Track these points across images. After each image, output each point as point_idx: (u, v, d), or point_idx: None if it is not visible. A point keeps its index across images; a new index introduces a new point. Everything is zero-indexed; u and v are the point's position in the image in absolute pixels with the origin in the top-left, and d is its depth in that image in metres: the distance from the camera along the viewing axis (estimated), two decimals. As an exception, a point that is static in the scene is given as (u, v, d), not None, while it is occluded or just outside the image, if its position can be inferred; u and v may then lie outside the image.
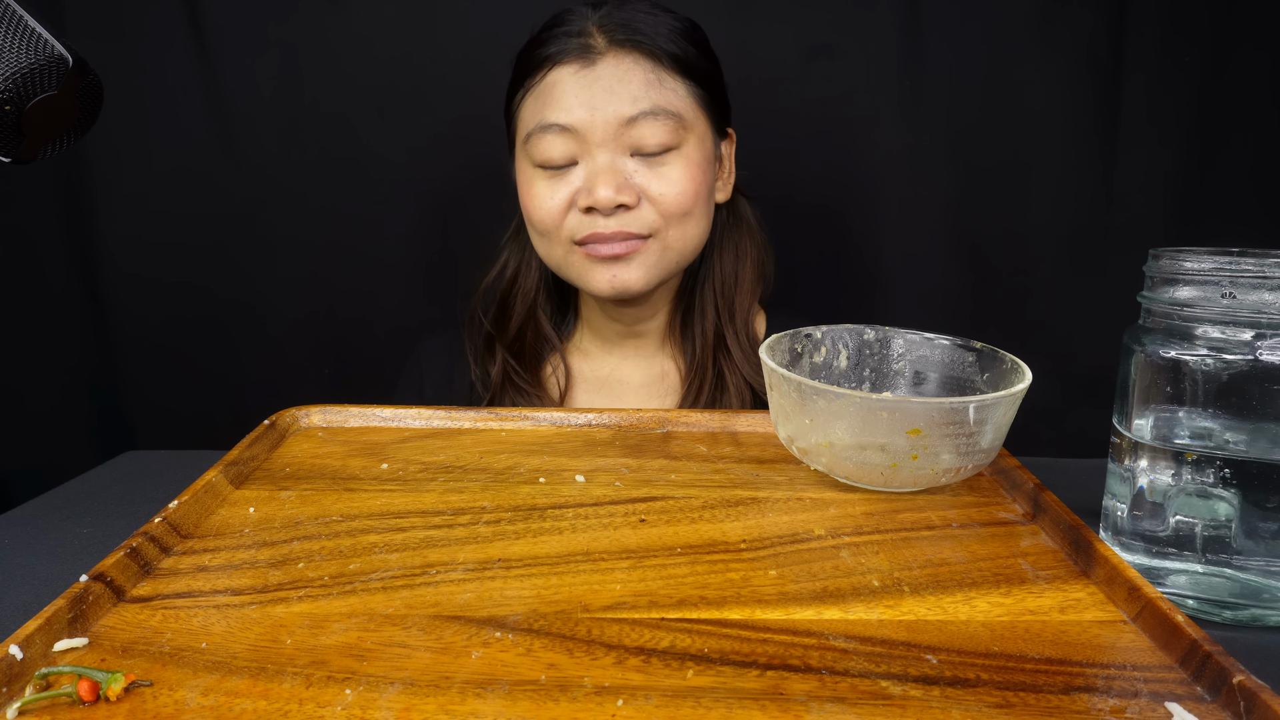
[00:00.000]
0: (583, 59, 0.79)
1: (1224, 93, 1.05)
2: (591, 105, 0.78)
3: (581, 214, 0.79)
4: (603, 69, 0.78)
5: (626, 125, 0.78)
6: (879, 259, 1.12)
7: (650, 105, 0.78)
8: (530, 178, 0.81)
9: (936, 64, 1.06)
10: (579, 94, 0.78)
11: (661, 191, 0.79)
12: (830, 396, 0.52)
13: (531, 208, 0.81)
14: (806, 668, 0.37)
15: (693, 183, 0.80)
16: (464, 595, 0.42)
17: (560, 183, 0.79)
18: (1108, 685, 0.36)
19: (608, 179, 0.77)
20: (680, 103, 0.80)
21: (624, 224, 0.78)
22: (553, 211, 0.80)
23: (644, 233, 0.79)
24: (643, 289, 0.81)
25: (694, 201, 0.80)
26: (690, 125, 0.80)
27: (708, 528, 0.50)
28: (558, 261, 0.83)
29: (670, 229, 0.80)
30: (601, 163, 0.78)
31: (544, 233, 0.82)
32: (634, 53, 0.79)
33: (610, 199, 0.77)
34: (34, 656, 0.36)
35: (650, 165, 0.79)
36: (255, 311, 1.12)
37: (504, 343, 0.88)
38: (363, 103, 1.08)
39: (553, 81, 0.79)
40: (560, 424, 0.67)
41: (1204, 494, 0.47)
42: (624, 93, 0.78)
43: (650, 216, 0.79)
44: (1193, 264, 0.48)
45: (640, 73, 0.78)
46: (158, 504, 0.50)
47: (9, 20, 0.47)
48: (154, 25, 1.05)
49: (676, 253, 0.82)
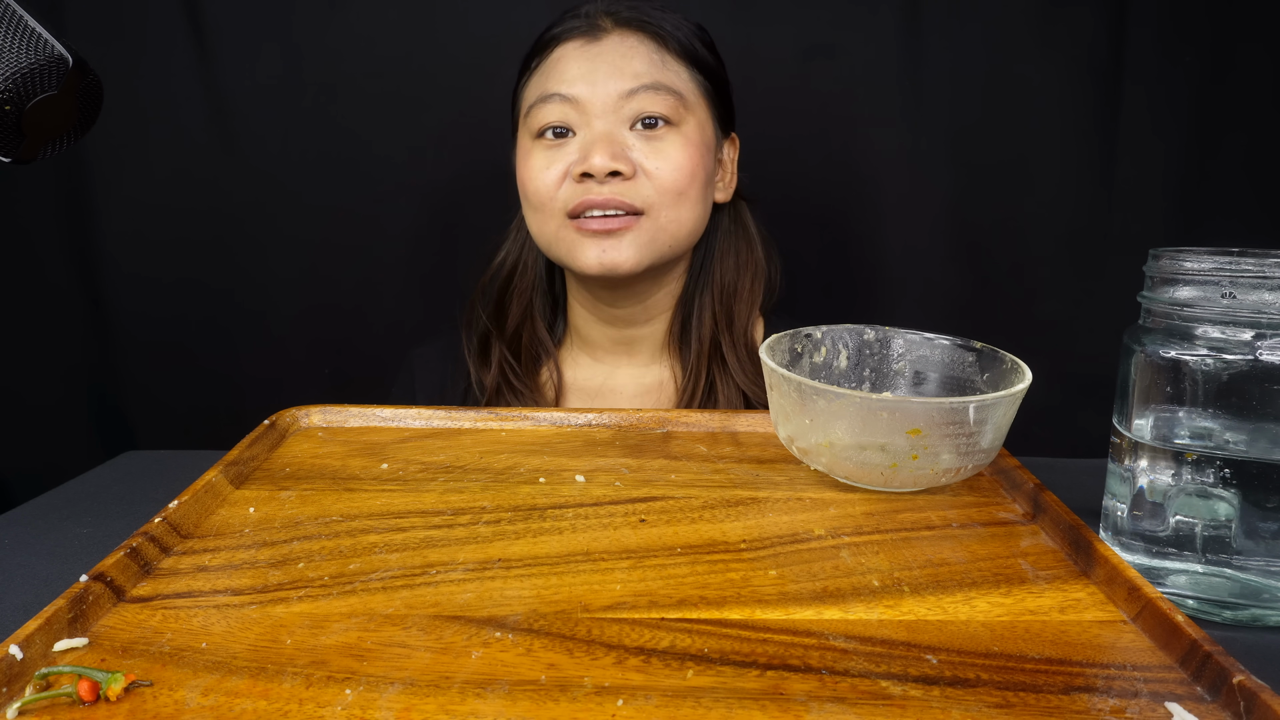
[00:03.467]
0: (588, 35, 0.80)
1: (1224, 93, 1.05)
2: (593, 79, 0.78)
3: (575, 183, 0.78)
4: (607, 45, 0.79)
5: (626, 98, 0.78)
6: (879, 259, 1.12)
7: (651, 80, 0.78)
8: (528, 150, 0.81)
9: (936, 64, 1.06)
10: (582, 67, 0.79)
11: (658, 166, 0.78)
12: (830, 396, 0.52)
13: (526, 178, 0.81)
14: (806, 668, 0.37)
15: (690, 162, 0.79)
16: (464, 595, 0.42)
17: (557, 154, 0.79)
18: (1108, 685, 0.36)
19: (604, 146, 0.77)
20: (682, 85, 0.80)
21: (618, 192, 0.77)
22: (548, 182, 0.79)
23: (638, 206, 0.78)
24: (631, 269, 0.79)
25: (689, 182, 0.79)
26: (691, 107, 0.80)
27: (708, 528, 0.50)
28: (549, 238, 0.82)
29: (664, 209, 0.79)
30: (599, 130, 0.78)
31: (538, 205, 0.81)
32: (639, 33, 0.80)
33: (605, 164, 0.76)
34: (34, 656, 0.36)
35: (648, 140, 0.79)
36: (255, 311, 1.12)
37: (502, 339, 0.88)
38: (363, 103, 1.08)
39: (557, 57, 0.80)
40: (560, 424, 0.67)
41: (1204, 494, 0.48)
42: (626, 68, 0.78)
43: (646, 191, 0.78)
44: (1193, 264, 0.48)
45: (645, 52, 0.79)
46: (158, 504, 0.50)
47: (9, 20, 0.47)
48: (154, 25, 1.05)
49: (670, 235, 0.80)
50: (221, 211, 1.09)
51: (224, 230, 1.10)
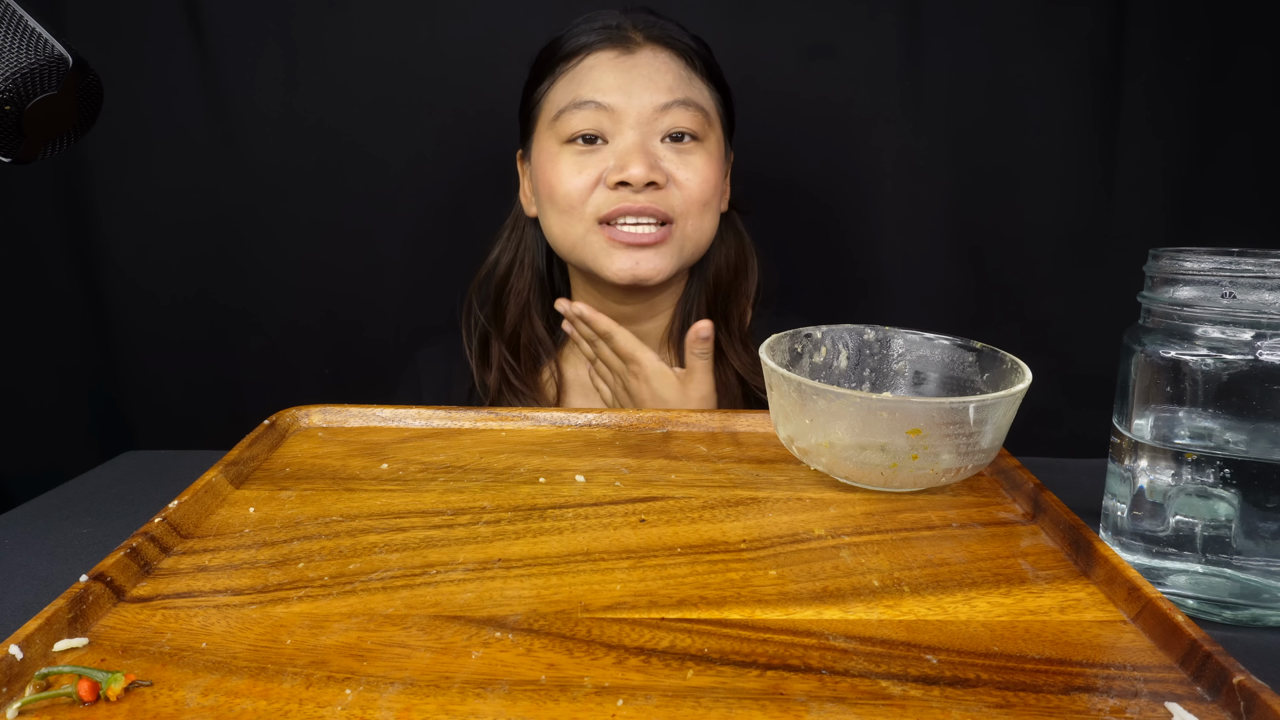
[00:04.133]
0: (622, 47, 0.82)
1: (1224, 93, 1.05)
2: (629, 90, 0.80)
3: (609, 190, 0.80)
4: (641, 59, 0.81)
5: (660, 112, 0.80)
6: (879, 259, 1.12)
7: (683, 96, 0.81)
8: (555, 154, 0.82)
9: (936, 64, 1.06)
10: (617, 78, 0.81)
11: (688, 177, 0.81)
12: (830, 396, 0.52)
13: (556, 182, 0.82)
14: (806, 668, 0.37)
15: (715, 174, 0.83)
16: (464, 595, 0.42)
17: (588, 159, 0.81)
18: (1108, 685, 0.36)
19: (641, 157, 0.79)
20: (705, 102, 0.83)
21: (653, 201, 0.80)
22: (580, 187, 0.81)
23: (670, 215, 0.81)
24: (660, 280, 0.82)
25: (713, 194, 0.83)
26: (712, 124, 0.84)
27: (708, 528, 0.50)
28: (574, 241, 0.83)
29: (690, 219, 0.82)
30: (634, 141, 0.80)
31: (566, 209, 0.82)
32: (669, 49, 0.83)
33: (643, 175, 0.78)
34: (34, 656, 0.36)
35: (678, 153, 0.81)
36: (255, 311, 1.12)
37: (501, 339, 0.88)
38: (362, 103, 1.08)
39: (590, 65, 0.82)
40: (560, 424, 0.67)
41: (1204, 494, 0.48)
42: (660, 82, 0.81)
43: (676, 200, 0.81)
44: (1193, 264, 0.48)
45: (675, 68, 0.82)
46: (158, 504, 0.50)
47: (9, 20, 0.47)
48: (154, 25, 1.05)
49: (694, 244, 0.84)
50: (221, 211, 1.09)
51: (224, 230, 1.10)
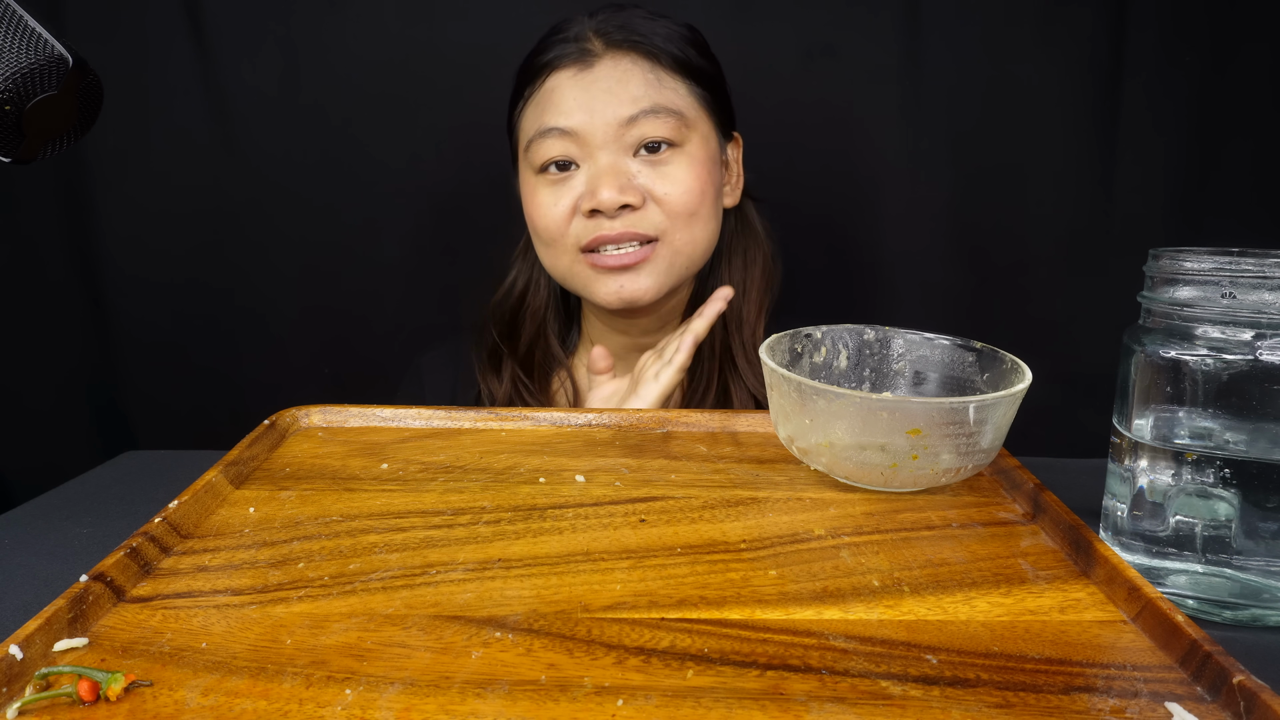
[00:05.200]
0: (580, 62, 0.77)
1: (1224, 93, 1.05)
2: (590, 108, 0.76)
3: (586, 218, 0.77)
4: (600, 71, 0.77)
5: (627, 125, 0.76)
6: (879, 258, 1.12)
7: (650, 104, 0.76)
8: (533, 186, 0.80)
9: (936, 64, 1.06)
10: (578, 97, 0.77)
11: (666, 191, 0.77)
12: (830, 396, 0.52)
13: (535, 215, 0.80)
14: (806, 668, 0.37)
15: (698, 181, 0.78)
16: (464, 595, 0.42)
17: (563, 189, 0.78)
18: (1108, 685, 0.36)
19: (610, 180, 0.75)
20: (681, 101, 0.78)
21: (630, 224, 0.76)
22: (557, 219, 0.78)
23: (651, 234, 0.77)
24: (652, 299, 0.79)
25: (700, 201, 0.78)
26: (692, 124, 0.79)
27: (708, 528, 0.50)
28: (563, 272, 0.81)
29: (678, 231, 0.78)
30: (604, 164, 0.76)
31: (549, 241, 0.80)
32: (631, 53, 0.78)
33: (614, 199, 0.75)
34: (34, 656, 0.36)
35: (654, 165, 0.77)
36: (255, 311, 1.12)
37: (515, 357, 0.87)
38: (363, 103, 1.08)
39: (551, 87, 0.78)
40: (560, 424, 0.67)
41: (1204, 494, 0.48)
42: (623, 93, 0.76)
43: (657, 218, 0.77)
44: (1193, 264, 0.48)
45: (639, 73, 0.77)
46: (158, 504, 0.50)
47: (9, 20, 0.47)
48: (154, 25, 1.05)
49: (686, 257, 0.80)
50: (221, 212, 1.09)
51: (224, 230, 1.10)
